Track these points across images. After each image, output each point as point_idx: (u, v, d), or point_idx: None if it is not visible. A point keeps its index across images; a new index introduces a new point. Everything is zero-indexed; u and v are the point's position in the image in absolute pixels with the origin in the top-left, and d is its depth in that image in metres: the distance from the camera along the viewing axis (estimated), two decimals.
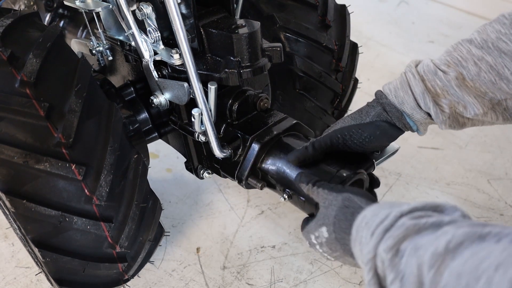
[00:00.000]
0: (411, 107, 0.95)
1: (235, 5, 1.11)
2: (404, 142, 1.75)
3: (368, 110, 1.01)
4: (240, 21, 1.03)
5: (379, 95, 1.00)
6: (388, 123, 0.98)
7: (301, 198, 1.01)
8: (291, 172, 1.02)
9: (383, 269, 0.62)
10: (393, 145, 0.98)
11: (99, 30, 1.20)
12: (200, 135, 1.08)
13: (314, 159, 1.01)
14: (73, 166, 0.90)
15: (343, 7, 1.41)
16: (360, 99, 1.40)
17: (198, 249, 1.44)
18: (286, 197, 1.03)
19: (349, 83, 1.44)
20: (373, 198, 0.83)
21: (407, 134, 1.02)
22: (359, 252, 0.72)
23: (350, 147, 0.98)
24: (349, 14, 1.41)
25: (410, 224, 0.62)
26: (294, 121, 1.13)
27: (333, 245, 0.82)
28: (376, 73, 2.27)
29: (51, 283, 1.08)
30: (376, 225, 0.66)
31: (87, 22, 1.26)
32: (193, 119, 1.02)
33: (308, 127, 1.15)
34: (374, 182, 1.04)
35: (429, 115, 0.95)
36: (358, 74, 1.48)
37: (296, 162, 1.01)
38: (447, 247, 0.54)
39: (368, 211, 0.73)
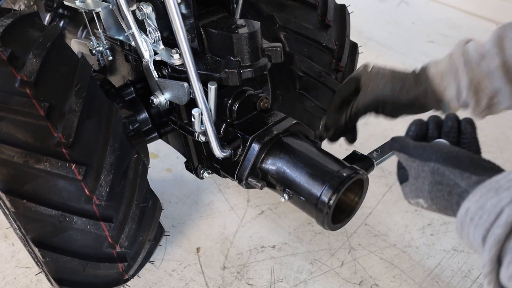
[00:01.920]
0: (452, 97, 0.94)
1: (235, 5, 1.11)
2: None
3: (409, 88, 0.98)
4: (240, 21, 1.03)
5: (425, 77, 0.97)
6: (422, 104, 0.98)
7: (301, 198, 1.01)
8: (292, 172, 1.02)
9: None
10: None
11: (99, 30, 1.20)
12: (200, 135, 1.08)
13: (348, 126, 1.06)
14: (73, 166, 0.90)
15: (343, 7, 1.41)
16: None
17: (198, 249, 1.44)
18: (286, 197, 1.03)
19: None
20: (464, 162, 0.72)
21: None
22: (468, 243, 0.67)
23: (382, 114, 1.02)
24: (349, 14, 1.42)
25: None
26: (294, 121, 1.12)
27: (435, 211, 0.77)
28: None
29: (51, 283, 1.08)
30: (486, 229, 0.60)
31: (87, 22, 1.26)
32: (193, 119, 1.01)
33: (308, 127, 1.15)
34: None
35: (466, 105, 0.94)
36: None
37: (324, 131, 1.08)
38: None
39: (471, 203, 0.65)
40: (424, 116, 0.92)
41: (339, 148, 1.80)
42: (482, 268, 0.60)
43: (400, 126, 1.02)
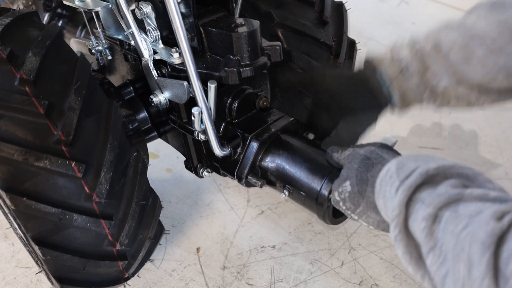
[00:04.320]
0: (386, 62, 1.03)
1: (234, 4, 1.11)
2: (404, 142, 1.75)
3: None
4: (240, 20, 1.03)
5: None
6: (362, 80, 1.05)
7: (302, 193, 1.01)
8: (291, 168, 1.03)
9: (416, 233, 0.62)
10: (391, 138, 0.98)
11: (98, 30, 1.20)
12: (200, 134, 1.08)
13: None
14: (73, 164, 0.90)
15: (340, 4, 1.42)
16: None
17: (198, 249, 1.44)
18: (287, 193, 1.03)
19: None
20: (397, 152, 0.84)
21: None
22: (383, 205, 0.72)
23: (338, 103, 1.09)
24: (346, 10, 1.42)
25: (453, 193, 0.61)
26: (292, 119, 1.13)
27: (355, 199, 0.82)
28: None
29: (51, 281, 1.08)
30: (401, 180, 0.66)
31: (86, 22, 1.26)
32: (193, 118, 1.02)
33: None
34: None
35: (401, 71, 1.00)
36: None
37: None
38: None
39: (392, 164, 0.72)
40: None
41: None
42: (391, 212, 0.65)
43: (400, 125, 1.02)
